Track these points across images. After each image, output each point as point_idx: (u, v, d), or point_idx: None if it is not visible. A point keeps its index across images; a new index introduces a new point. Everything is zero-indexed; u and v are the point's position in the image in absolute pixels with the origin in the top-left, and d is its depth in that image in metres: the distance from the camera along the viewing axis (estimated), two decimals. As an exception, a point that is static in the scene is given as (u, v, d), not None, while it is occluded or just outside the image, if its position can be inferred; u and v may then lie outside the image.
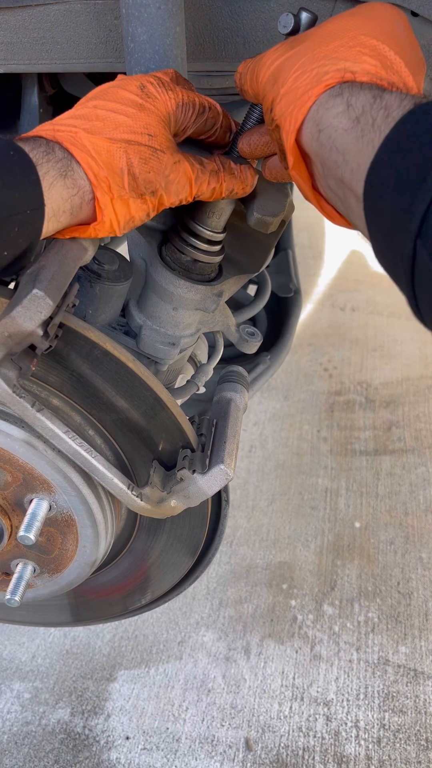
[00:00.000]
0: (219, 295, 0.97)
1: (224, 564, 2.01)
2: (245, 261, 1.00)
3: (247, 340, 1.06)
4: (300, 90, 0.70)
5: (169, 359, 1.01)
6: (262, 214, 0.89)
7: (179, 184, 0.82)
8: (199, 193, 0.84)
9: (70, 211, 0.77)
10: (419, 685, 1.72)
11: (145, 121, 0.81)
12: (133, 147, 0.79)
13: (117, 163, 0.78)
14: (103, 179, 0.77)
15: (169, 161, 0.80)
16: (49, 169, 0.75)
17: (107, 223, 0.79)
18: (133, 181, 0.79)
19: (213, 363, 1.17)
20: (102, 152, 0.78)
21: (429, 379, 2.70)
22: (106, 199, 0.78)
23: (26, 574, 1.03)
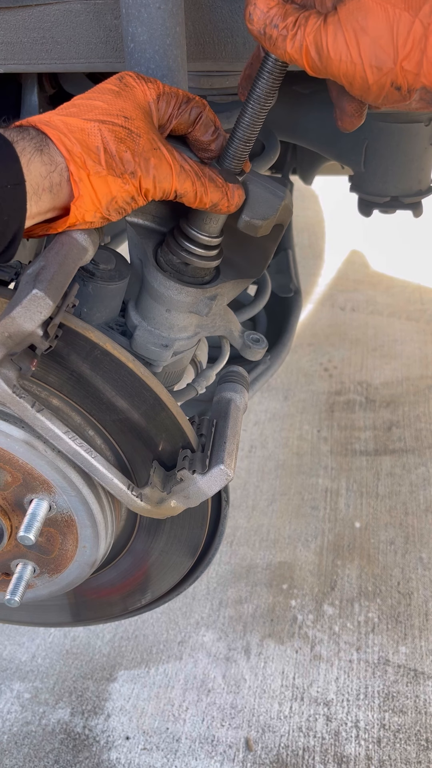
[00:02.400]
0: (212, 299, 0.96)
1: (224, 564, 2.01)
2: (244, 265, 0.99)
3: (251, 346, 1.04)
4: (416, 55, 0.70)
5: (161, 361, 1.00)
6: (250, 218, 0.88)
7: (160, 171, 0.80)
8: (181, 190, 0.83)
9: (50, 189, 0.77)
10: (419, 685, 1.72)
11: (120, 105, 0.81)
12: (107, 126, 0.79)
13: (92, 141, 0.78)
14: (77, 154, 0.77)
15: (147, 145, 0.80)
16: (25, 146, 0.75)
17: (86, 199, 0.78)
18: (110, 159, 0.78)
19: (216, 369, 1.16)
20: (75, 130, 0.78)
21: (429, 379, 2.70)
22: (81, 174, 0.77)
23: (26, 574, 1.03)
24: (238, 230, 0.91)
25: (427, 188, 1.78)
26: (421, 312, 3.09)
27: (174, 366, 1.08)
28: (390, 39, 0.71)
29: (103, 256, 0.94)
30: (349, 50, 0.73)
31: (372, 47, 0.72)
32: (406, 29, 0.70)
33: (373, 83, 0.74)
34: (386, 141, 1.67)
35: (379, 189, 1.75)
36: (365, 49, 0.73)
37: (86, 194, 0.78)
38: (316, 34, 0.75)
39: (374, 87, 0.75)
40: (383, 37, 0.72)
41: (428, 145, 1.70)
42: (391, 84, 0.73)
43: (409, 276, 3.34)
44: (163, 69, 0.91)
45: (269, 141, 1.54)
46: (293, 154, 2.14)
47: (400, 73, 0.72)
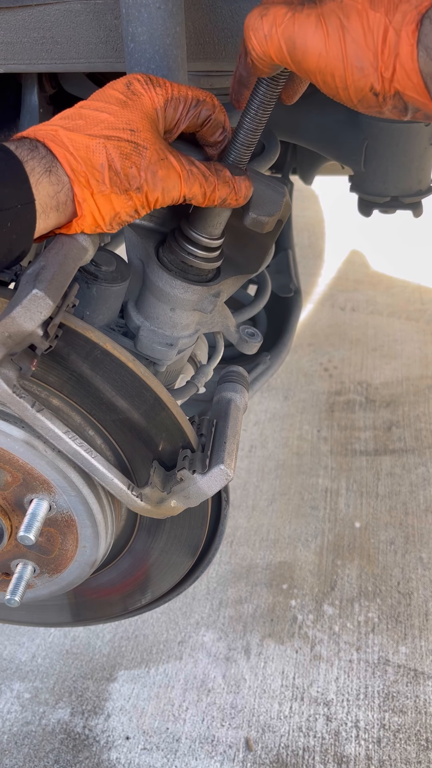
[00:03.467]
0: (216, 296, 0.97)
1: (224, 564, 2.01)
2: (243, 261, 0.99)
3: (247, 340, 1.05)
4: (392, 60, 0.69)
5: (167, 360, 1.01)
6: (257, 214, 0.89)
7: (168, 181, 0.80)
8: (190, 195, 0.83)
9: (56, 207, 0.77)
10: (419, 685, 1.72)
11: (127, 118, 0.80)
12: (112, 142, 0.78)
13: (96, 159, 0.78)
14: (81, 174, 0.77)
15: (154, 157, 0.79)
16: (35, 165, 0.75)
17: (89, 218, 0.79)
18: (116, 177, 0.78)
19: (213, 364, 1.17)
20: (80, 148, 0.78)
21: (429, 379, 2.69)
22: (84, 194, 0.78)
23: (26, 574, 1.03)
24: (237, 227, 0.92)
25: (427, 188, 1.78)
26: (421, 312, 3.09)
27: (174, 364, 1.08)
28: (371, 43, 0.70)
29: (104, 257, 0.94)
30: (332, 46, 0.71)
31: (355, 47, 0.71)
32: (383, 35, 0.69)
33: (352, 84, 0.73)
34: (386, 141, 1.67)
35: (379, 189, 1.75)
36: (349, 48, 0.71)
37: (88, 213, 0.79)
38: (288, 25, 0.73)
39: (352, 88, 0.73)
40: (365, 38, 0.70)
41: (428, 145, 1.70)
42: (371, 88, 0.72)
43: (409, 276, 3.33)
44: (163, 69, 0.91)
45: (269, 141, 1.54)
46: (293, 154, 2.14)
47: (379, 78, 0.71)
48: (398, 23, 0.68)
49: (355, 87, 0.73)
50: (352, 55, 0.71)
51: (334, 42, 0.71)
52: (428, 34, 0.67)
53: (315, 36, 0.72)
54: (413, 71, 0.69)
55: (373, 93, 0.72)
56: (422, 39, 0.67)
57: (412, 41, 0.68)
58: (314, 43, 0.72)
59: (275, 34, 0.74)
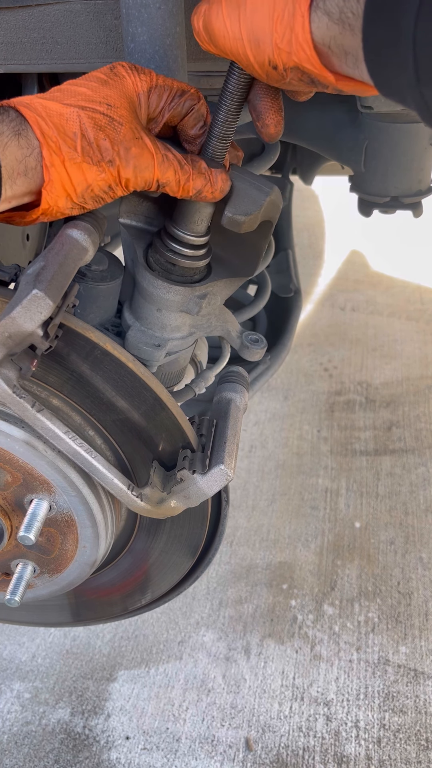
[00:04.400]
0: (202, 297, 0.95)
1: (224, 564, 2.01)
2: (236, 264, 0.98)
3: (249, 346, 1.03)
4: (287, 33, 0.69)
5: (154, 361, 1.00)
6: (233, 213, 0.86)
7: (141, 160, 0.79)
8: (163, 179, 0.81)
9: (24, 173, 0.76)
10: (419, 685, 1.72)
11: (105, 93, 0.80)
12: (87, 113, 0.78)
13: (69, 126, 0.77)
14: (52, 138, 0.76)
15: (128, 134, 0.79)
16: (3, 129, 0.74)
17: (57, 185, 0.77)
18: (88, 146, 0.77)
19: (216, 370, 1.16)
20: (53, 114, 0.77)
21: (429, 379, 2.70)
22: (54, 159, 0.76)
23: (26, 574, 1.03)
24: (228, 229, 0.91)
25: (427, 188, 1.78)
26: (421, 312, 3.09)
27: (172, 366, 1.08)
28: (267, 15, 0.70)
29: (96, 257, 0.94)
30: (230, 25, 0.73)
31: (251, 22, 0.71)
32: (281, 6, 0.69)
33: (254, 60, 0.73)
34: (386, 141, 1.67)
35: (379, 189, 1.76)
36: (244, 24, 0.72)
37: (57, 180, 0.77)
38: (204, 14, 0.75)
39: (256, 64, 0.74)
40: (260, 12, 0.71)
41: (428, 145, 1.70)
42: (269, 62, 0.72)
43: (409, 276, 3.33)
44: (163, 69, 0.91)
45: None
46: (293, 154, 2.14)
47: (276, 51, 0.71)
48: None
49: (257, 62, 0.74)
50: (248, 31, 0.72)
51: (233, 21, 0.73)
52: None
53: (217, 19, 0.74)
54: (306, 42, 0.69)
55: (272, 66, 0.73)
56: (321, 4, 0.67)
57: (305, 12, 0.67)
58: (218, 26, 0.74)
59: (199, 27, 0.77)
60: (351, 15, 0.64)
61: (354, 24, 0.64)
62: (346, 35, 0.65)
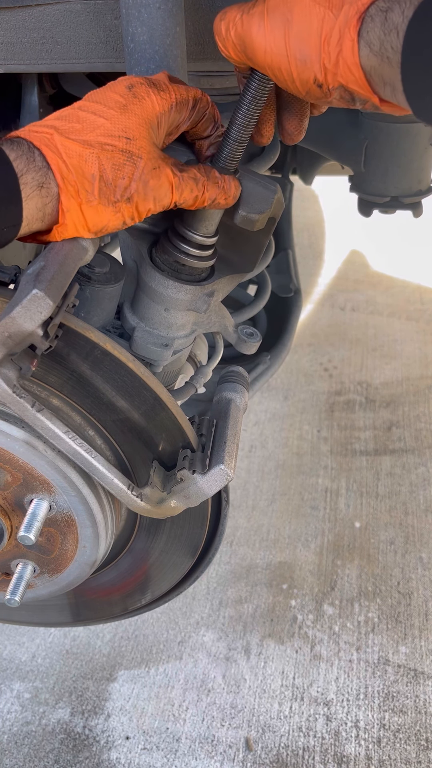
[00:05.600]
0: (210, 295, 0.96)
1: (224, 564, 2.01)
2: (238, 260, 0.99)
3: (245, 340, 1.04)
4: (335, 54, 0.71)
5: (162, 361, 1.00)
6: (247, 212, 0.88)
7: (160, 190, 0.80)
8: (181, 200, 0.83)
9: (42, 219, 0.77)
10: (419, 685, 1.72)
11: (124, 124, 0.79)
12: (106, 152, 0.78)
13: (88, 169, 0.77)
14: (71, 183, 0.76)
15: (147, 167, 0.79)
16: (29, 180, 0.74)
17: (71, 228, 0.78)
18: (106, 188, 0.78)
19: (212, 365, 1.16)
20: (73, 156, 0.77)
21: (429, 379, 2.70)
22: (71, 203, 0.77)
23: (26, 574, 1.03)
24: (231, 226, 0.91)
25: (427, 188, 1.78)
26: (421, 312, 3.09)
27: (172, 365, 1.08)
28: (315, 35, 0.71)
29: (98, 259, 0.94)
30: (275, 40, 0.74)
31: (298, 40, 0.72)
32: (329, 26, 0.71)
33: (297, 77, 0.75)
34: (386, 141, 1.67)
35: (379, 189, 1.76)
36: (292, 41, 0.73)
37: (71, 223, 0.78)
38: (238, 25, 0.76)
39: (298, 81, 0.75)
40: (308, 31, 0.72)
41: (428, 145, 1.70)
42: (314, 80, 0.74)
43: (409, 276, 3.34)
44: (162, 69, 0.91)
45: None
46: (293, 154, 2.14)
47: (322, 70, 0.73)
48: (342, 19, 0.70)
49: (300, 79, 0.75)
50: (294, 49, 0.73)
51: (277, 37, 0.74)
52: (370, 30, 0.68)
53: (259, 32, 0.75)
54: (355, 65, 0.70)
55: (317, 85, 0.74)
56: (364, 35, 0.69)
57: (354, 36, 0.69)
58: (259, 40, 0.75)
59: (230, 36, 0.78)
60: (390, 49, 0.66)
61: (393, 58, 0.66)
62: (385, 67, 0.68)
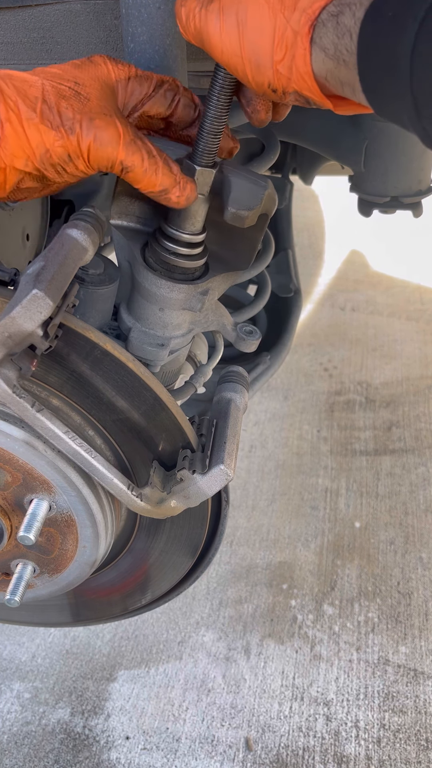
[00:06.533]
0: (204, 294, 0.96)
1: (224, 564, 2.01)
2: (232, 257, 0.98)
3: (245, 338, 1.04)
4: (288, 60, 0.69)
5: (159, 361, 1.00)
6: (237, 209, 0.87)
7: (105, 132, 0.76)
8: (128, 162, 0.78)
9: None
10: (419, 685, 1.72)
11: (75, 73, 0.79)
12: (52, 83, 0.76)
13: (31, 91, 0.75)
14: (11, 97, 0.75)
15: (95, 108, 0.77)
16: None
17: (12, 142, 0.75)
18: (48, 111, 0.75)
19: (212, 364, 1.16)
20: (15, 78, 0.76)
21: (429, 379, 2.70)
22: (10, 115, 0.74)
23: (26, 574, 1.03)
24: (223, 224, 0.91)
25: (427, 188, 1.78)
26: (421, 312, 3.09)
27: (171, 365, 1.08)
28: (268, 40, 0.70)
29: (92, 261, 0.94)
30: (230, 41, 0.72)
31: (251, 44, 0.71)
32: (281, 32, 0.69)
33: (252, 79, 0.73)
34: (386, 141, 1.67)
35: (379, 189, 1.76)
36: (246, 44, 0.71)
37: (12, 136, 0.75)
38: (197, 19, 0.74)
39: (253, 83, 0.74)
40: (261, 36, 0.70)
41: (428, 145, 1.70)
42: (268, 85, 0.73)
43: (409, 276, 3.34)
44: (163, 69, 0.91)
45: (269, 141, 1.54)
46: (293, 154, 2.14)
47: (276, 76, 0.71)
48: (293, 25, 0.68)
49: (255, 82, 0.73)
50: (248, 52, 0.71)
51: (232, 38, 0.72)
52: (323, 35, 0.67)
53: (215, 31, 0.73)
54: (307, 74, 0.69)
55: (271, 89, 0.73)
56: (317, 41, 0.67)
57: (306, 45, 0.68)
58: (215, 39, 0.73)
59: (190, 27, 0.75)
60: (345, 52, 0.64)
61: (349, 60, 0.64)
62: (342, 69, 0.66)
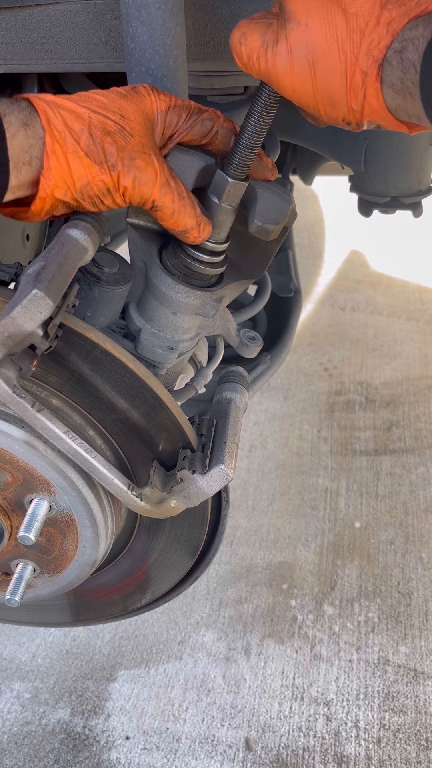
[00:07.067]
0: (219, 301, 0.96)
1: (224, 564, 2.01)
2: (247, 266, 0.99)
3: (247, 344, 1.04)
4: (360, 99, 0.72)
5: (167, 364, 1.00)
6: (263, 222, 0.88)
7: (143, 173, 0.79)
8: (160, 202, 0.82)
9: (29, 162, 0.76)
10: (419, 685, 1.72)
11: (121, 104, 0.80)
12: (99, 116, 0.78)
13: (77, 123, 0.77)
14: (58, 128, 0.76)
15: (136, 147, 0.79)
16: (12, 120, 0.74)
17: (56, 173, 0.77)
18: (93, 145, 0.77)
19: (213, 366, 1.16)
20: (64, 108, 0.77)
21: (429, 379, 2.70)
22: (56, 147, 0.76)
23: (26, 574, 1.03)
24: (244, 234, 0.91)
25: (427, 188, 1.78)
26: (421, 312, 3.09)
27: (174, 367, 1.08)
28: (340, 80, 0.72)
29: (107, 259, 0.94)
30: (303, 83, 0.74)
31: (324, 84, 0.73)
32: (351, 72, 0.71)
33: (326, 115, 0.76)
34: (386, 141, 1.67)
35: (379, 189, 1.76)
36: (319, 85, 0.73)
37: (56, 167, 0.77)
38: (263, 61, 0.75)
39: (326, 118, 0.77)
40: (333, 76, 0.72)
41: (428, 145, 1.70)
42: (343, 119, 0.76)
43: (409, 276, 3.34)
44: (163, 69, 0.91)
45: (269, 141, 1.54)
46: (293, 154, 2.14)
47: (350, 112, 0.74)
48: (362, 67, 0.71)
49: (329, 117, 0.76)
50: (322, 92, 0.74)
51: (304, 79, 0.74)
52: (390, 73, 0.69)
53: (284, 73, 0.74)
54: (382, 109, 0.72)
55: (345, 123, 0.76)
56: (385, 79, 0.70)
57: (377, 85, 0.70)
58: (286, 81, 0.75)
59: (254, 66, 0.77)
60: (411, 85, 0.67)
61: (414, 92, 0.67)
62: (408, 101, 0.69)
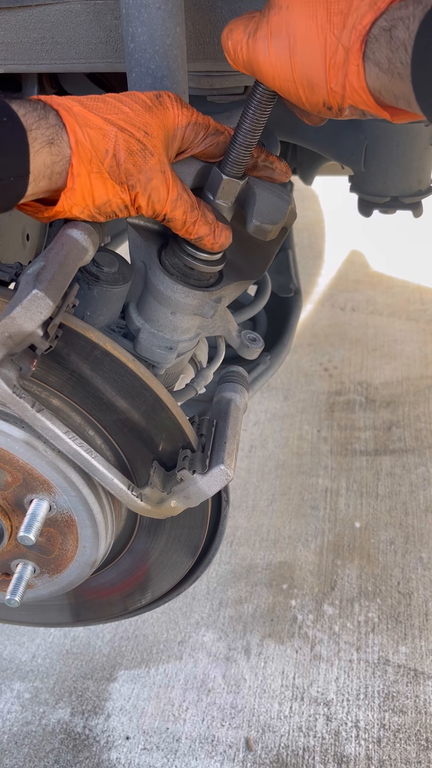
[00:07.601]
0: (218, 301, 0.96)
1: (224, 564, 2.01)
2: (247, 267, 0.99)
3: (248, 345, 1.05)
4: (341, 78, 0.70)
5: (166, 363, 1.00)
6: (261, 222, 0.89)
7: (157, 193, 0.82)
8: (171, 216, 0.84)
9: (49, 177, 0.78)
10: (419, 685, 1.72)
11: (146, 120, 0.82)
12: (124, 135, 0.80)
13: (104, 144, 0.79)
14: (85, 150, 0.78)
15: (155, 167, 0.81)
16: (38, 135, 0.75)
17: (78, 194, 0.79)
18: (116, 167, 0.80)
19: (213, 368, 1.16)
20: (92, 127, 0.79)
21: (429, 379, 2.70)
22: (81, 169, 0.78)
23: (26, 574, 1.03)
24: (243, 234, 0.92)
25: (427, 188, 1.78)
26: (421, 312, 3.09)
27: (173, 367, 1.08)
28: (320, 61, 0.71)
29: (107, 258, 0.94)
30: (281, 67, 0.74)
31: (303, 66, 0.72)
32: (332, 50, 0.70)
33: (306, 100, 0.75)
34: (386, 141, 1.67)
35: (379, 189, 1.76)
36: (297, 68, 0.73)
37: (79, 189, 0.79)
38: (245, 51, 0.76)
39: (307, 103, 0.75)
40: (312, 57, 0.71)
41: (428, 145, 1.70)
42: (323, 103, 0.74)
43: (409, 276, 3.34)
44: (163, 69, 0.91)
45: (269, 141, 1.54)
46: (293, 154, 2.14)
47: (330, 94, 0.73)
48: (344, 43, 0.69)
49: (310, 102, 0.75)
50: (300, 75, 0.73)
51: (283, 63, 0.73)
52: (376, 50, 0.67)
53: (266, 60, 0.75)
54: (362, 89, 0.70)
55: (326, 107, 0.74)
56: (370, 56, 0.68)
57: (358, 61, 0.69)
58: (266, 67, 0.75)
59: (239, 59, 0.78)
60: (400, 65, 0.66)
61: (403, 73, 0.65)
62: (396, 83, 0.67)
